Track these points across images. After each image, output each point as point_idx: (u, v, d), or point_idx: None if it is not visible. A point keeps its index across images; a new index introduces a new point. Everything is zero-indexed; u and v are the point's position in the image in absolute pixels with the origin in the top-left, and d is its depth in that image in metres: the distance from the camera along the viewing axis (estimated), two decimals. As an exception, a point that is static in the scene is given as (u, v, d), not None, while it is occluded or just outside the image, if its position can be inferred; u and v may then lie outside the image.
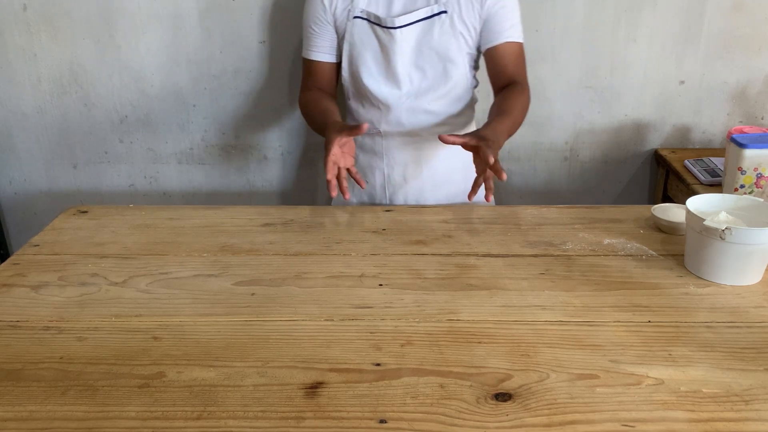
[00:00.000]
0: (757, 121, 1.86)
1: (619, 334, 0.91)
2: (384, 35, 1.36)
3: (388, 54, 1.37)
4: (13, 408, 0.78)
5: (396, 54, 1.36)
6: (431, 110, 1.42)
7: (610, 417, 0.75)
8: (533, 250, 1.17)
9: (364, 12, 1.37)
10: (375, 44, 1.38)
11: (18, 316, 0.98)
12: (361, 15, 1.37)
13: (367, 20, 1.37)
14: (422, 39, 1.36)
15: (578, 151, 1.91)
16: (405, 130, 1.44)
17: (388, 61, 1.38)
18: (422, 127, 1.43)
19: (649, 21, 1.75)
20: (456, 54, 1.37)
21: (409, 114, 1.42)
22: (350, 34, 1.39)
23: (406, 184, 1.48)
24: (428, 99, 1.41)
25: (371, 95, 1.41)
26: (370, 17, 1.36)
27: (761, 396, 0.78)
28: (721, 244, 1.01)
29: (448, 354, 0.87)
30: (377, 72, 1.40)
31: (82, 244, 1.21)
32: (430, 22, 1.35)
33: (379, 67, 1.39)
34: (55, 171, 1.94)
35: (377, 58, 1.39)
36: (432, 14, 1.35)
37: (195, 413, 0.77)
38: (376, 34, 1.37)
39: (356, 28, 1.38)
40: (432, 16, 1.35)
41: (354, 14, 1.37)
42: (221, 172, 1.94)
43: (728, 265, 1.02)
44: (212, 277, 1.09)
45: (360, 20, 1.37)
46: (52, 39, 1.77)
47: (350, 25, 1.38)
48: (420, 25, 1.35)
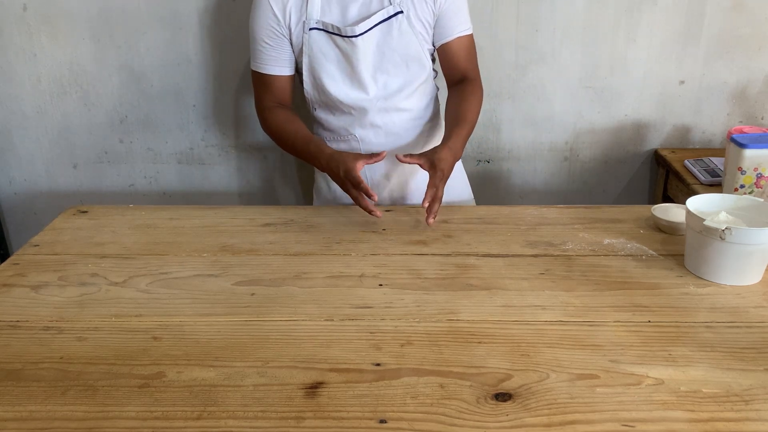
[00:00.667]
0: (757, 121, 1.86)
1: (619, 334, 0.91)
2: (344, 44, 1.34)
3: (351, 61, 1.36)
4: (13, 408, 0.78)
5: (359, 61, 1.35)
6: (402, 108, 1.42)
7: (610, 417, 0.75)
8: (533, 250, 1.17)
9: (320, 23, 1.33)
10: (336, 53, 1.36)
11: (18, 316, 0.98)
12: (317, 26, 1.34)
13: (324, 30, 1.35)
14: (383, 42, 1.35)
15: (578, 151, 1.91)
16: (380, 130, 1.43)
17: (352, 68, 1.36)
18: (396, 124, 1.43)
19: (649, 21, 1.75)
20: (417, 51, 1.37)
21: (381, 115, 1.41)
22: (308, 47, 1.35)
23: (388, 182, 1.48)
24: (398, 98, 1.40)
25: (341, 103, 1.40)
26: (327, 27, 1.34)
27: (761, 396, 0.78)
28: (721, 244, 1.01)
29: (448, 354, 0.87)
30: (342, 80, 1.38)
31: (82, 244, 1.21)
32: (388, 24, 1.34)
33: (344, 74, 1.38)
34: (55, 171, 1.94)
35: (341, 66, 1.37)
36: (389, 16, 1.33)
37: (195, 413, 0.77)
38: (336, 43, 1.35)
39: (314, 40, 1.35)
40: (389, 18, 1.34)
41: (310, 26, 1.34)
42: (221, 172, 1.94)
43: (728, 265, 1.02)
44: (212, 277, 1.09)
45: (317, 31, 1.34)
46: (52, 39, 1.77)
47: (306, 37, 1.34)
48: (379, 29, 1.34)
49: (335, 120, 1.44)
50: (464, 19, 1.40)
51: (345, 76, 1.38)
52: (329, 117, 1.45)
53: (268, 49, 1.37)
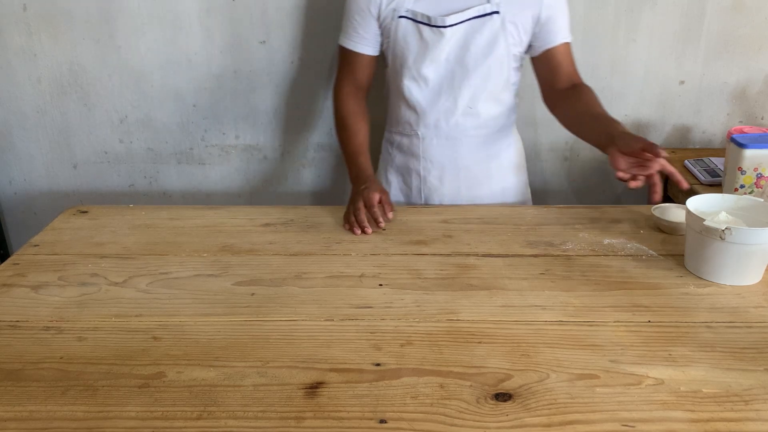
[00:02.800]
0: (757, 121, 1.86)
1: (619, 334, 0.91)
2: (431, 35, 1.33)
3: (431, 54, 1.34)
4: (13, 408, 0.78)
5: (441, 53, 1.34)
6: (471, 112, 1.40)
7: (610, 417, 0.75)
8: (533, 250, 1.17)
9: (410, 11, 1.33)
10: (418, 45, 1.35)
11: (18, 316, 0.98)
12: (406, 14, 1.33)
13: (412, 20, 1.34)
14: (470, 38, 1.33)
15: (578, 151, 1.91)
16: (443, 132, 1.42)
17: (430, 62, 1.35)
18: (461, 129, 1.41)
19: (649, 21, 1.75)
20: (503, 55, 1.35)
21: (447, 116, 1.40)
22: (394, 33, 1.36)
23: (441, 186, 1.46)
24: (469, 100, 1.39)
25: (410, 97, 1.39)
26: (417, 17, 1.33)
27: (761, 396, 0.78)
28: (721, 244, 1.01)
29: (448, 354, 0.87)
30: (417, 74, 1.37)
31: (82, 244, 1.21)
32: (480, 21, 1.32)
33: (419, 68, 1.36)
34: (55, 171, 1.94)
35: (418, 59, 1.36)
36: (483, 13, 1.32)
37: (195, 413, 0.77)
38: (422, 34, 1.34)
39: (401, 28, 1.35)
40: (483, 16, 1.32)
41: (399, 14, 1.34)
42: (221, 172, 1.94)
43: (728, 265, 1.02)
44: (212, 277, 1.09)
45: (405, 20, 1.34)
46: (52, 39, 1.77)
47: (395, 24, 1.35)
48: (469, 24, 1.32)
49: (403, 113, 1.44)
50: (566, 24, 1.38)
51: (420, 71, 1.36)
52: (398, 108, 1.45)
53: (356, 26, 1.39)
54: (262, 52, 1.79)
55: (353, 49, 1.41)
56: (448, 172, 1.45)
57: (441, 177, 1.45)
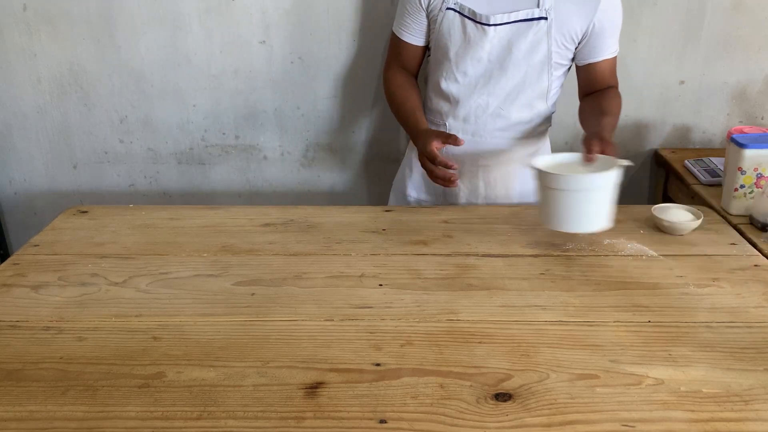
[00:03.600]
0: (757, 121, 1.86)
1: (619, 334, 0.91)
2: (475, 31, 1.32)
3: (472, 51, 1.34)
4: (13, 408, 0.78)
5: (483, 51, 1.33)
6: (502, 114, 1.39)
7: (610, 417, 0.75)
8: (533, 250, 1.17)
9: (458, 4, 1.32)
10: (460, 40, 1.34)
11: (18, 316, 0.98)
12: (454, 6, 1.33)
13: (459, 13, 1.33)
14: (514, 40, 1.32)
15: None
16: (470, 128, 1.42)
17: (470, 59, 1.34)
18: (488, 128, 1.41)
19: (649, 21, 1.75)
20: (544, 62, 1.34)
21: (478, 113, 1.39)
22: (439, 24, 1.35)
23: (460, 182, 1.45)
24: (501, 101, 1.38)
25: (445, 89, 1.39)
26: (464, 10, 1.32)
27: (761, 396, 0.78)
28: (562, 194, 1.08)
29: (448, 354, 0.87)
30: (455, 68, 1.36)
31: (82, 244, 1.21)
32: (527, 25, 1.31)
33: (459, 62, 1.36)
34: (55, 171, 1.94)
35: (459, 53, 1.35)
36: (530, 17, 1.30)
37: (195, 413, 0.77)
38: (466, 28, 1.33)
39: (446, 20, 1.34)
40: (530, 20, 1.31)
41: (447, 5, 1.33)
42: (221, 172, 1.94)
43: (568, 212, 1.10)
44: (212, 277, 1.09)
45: (452, 12, 1.33)
46: (52, 39, 1.77)
47: (441, 15, 1.34)
48: (515, 26, 1.31)
49: (435, 103, 1.44)
50: (615, 39, 1.37)
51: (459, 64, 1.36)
52: (432, 97, 1.45)
53: (406, 16, 1.40)
54: (262, 52, 1.79)
55: (401, 37, 1.43)
56: (467, 167, 1.45)
57: (460, 172, 1.44)
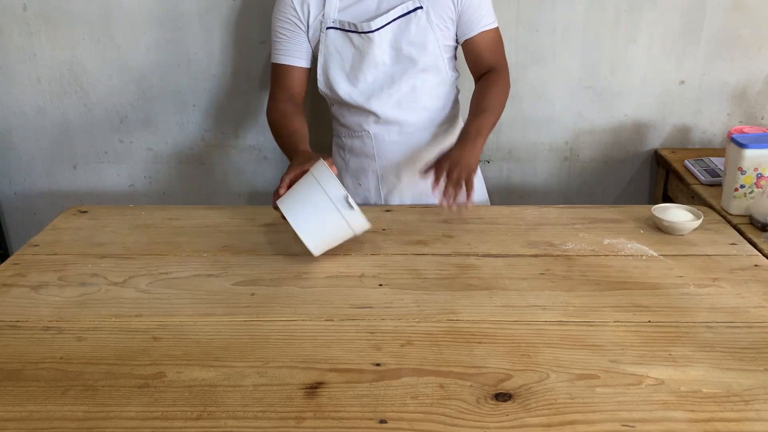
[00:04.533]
0: (757, 121, 1.86)
1: (619, 334, 0.91)
2: (360, 41, 1.34)
3: (366, 58, 1.35)
4: (13, 408, 0.78)
5: (376, 56, 1.35)
6: (415, 106, 1.40)
7: (610, 417, 0.75)
8: (533, 250, 1.17)
9: (337, 21, 1.34)
10: (351, 52, 1.36)
11: (18, 316, 0.98)
12: (334, 25, 1.34)
13: (340, 29, 1.35)
14: (400, 37, 1.33)
15: (578, 151, 1.91)
16: (394, 128, 1.42)
17: (366, 68, 1.35)
18: (409, 123, 1.42)
19: (649, 21, 1.75)
20: (434, 47, 1.36)
21: (394, 112, 1.40)
22: (324, 45, 1.36)
23: (400, 182, 1.47)
24: (410, 95, 1.39)
25: (353, 101, 1.39)
26: (344, 26, 1.34)
27: (761, 396, 0.78)
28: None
29: (448, 354, 0.87)
30: (355, 79, 1.37)
31: (82, 244, 1.21)
32: (406, 20, 1.33)
33: (357, 75, 1.36)
34: (54, 171, 1.94)
35: (355, 66, 1.36)
36: (407, 11, 1.32)
37: (195, 413, 0.77)
38: (352, 42, 1.35)
39: (329, 39, 1.35)
40: (408, 13, 1.32)
41: (327, 25, 1.34)
42: (221, 172, 1.94)
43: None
44: (212, 277, 1.09)
45: (333, 30, 1.35)
46: (52, 39, 1.77)
47: (323, 36, 1.35)
48: (396, 24, 1.33)
49: (350, 116, 1.44)
50: (487, 12, 1.38)
51: (359, 75, 1.37)
52: (345, 114, 1.45)
53: (284, 40, 1.39)
54: (262, 52, 1.79)
55: (286, 63, 1.40)
56: (404, 167, 1.45)
57: (398, 173, 1.46)
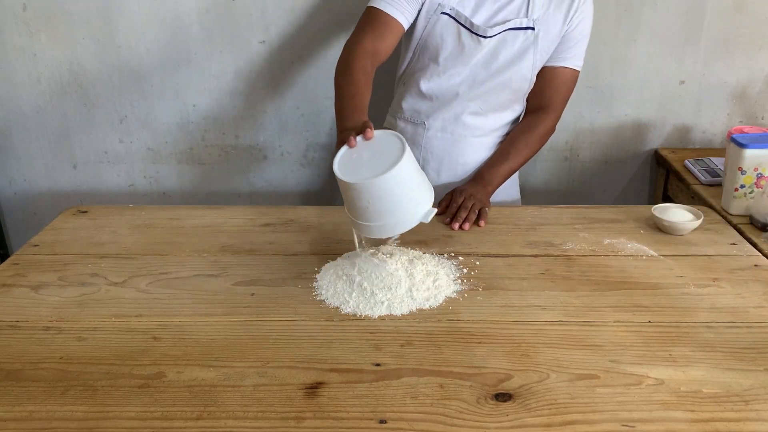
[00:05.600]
0: (757, 121, 1.86)
1: (619, 334, 0.91)
2: (469, 41, 1.32)
3: (464, 58, 1.33)
4: (13, 408, 0.78)
5: (473, 58, 1.33)
6: (482, 115, 1.40)
7: (610, 417, 0.75)
8: (533, 250, 1.16)
9: (454, 11, 1.31)
10: (453, 46, 1.33)
11: (18, 316, 0.98)
12: (449, 12, 1.31)
13: (455, 20, 1.31)
14: (501, 47, 1.33)
15: (578, 151, 1.91)
16: (449, 128, 1.41)
17: (460, 65, 1.34)
18: (467, 128, 1.41)
19: (649, 21, 1.75)
20: (528, 68, 1.35)
21: (458, 114, 1.39)
22: (432, 27, 1.32)
23: (438, 179, 1.46)
24: (483, 104, 1.39)
25: (429, 89, 1.38)
26: (460, 18, 1.31)
27: (761, 396, 0.78)
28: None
29: (448, 354, 0.87)
30: (442, 71, 1.36)
31: (82, 244, 1.21)
32: (514, 34, 1.32)
33: (447, 67, 1.35)
34: (54, 171, 1.94)
35: (449, 59, 1.34)
36: (520, 27, 1.32)
37: (195, 413, 0.77)
38: (460, 37, 1.32)
39: (440, 24, 1.32)
40: (519, 29, 1.32)
41: (443, 9, 1.31)
42: (221, 172, 1.94)
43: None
44: (212, 277, 1.09)
45: (447, 18, 1.32)
46: (52, 39, 1.77)
47: (435, 18, 1.32)
48: (504, 35, 1.32)
49: (413, 102, 1.42)
50: (580, 53, 1.38)
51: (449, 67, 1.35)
52: (410, 96, 1.43)
53: None
54: (262, 52, 1.79)
55: (389, 12, 1.29)
56: (446, 166, 1.45)
57: (439, 170, 1.46)
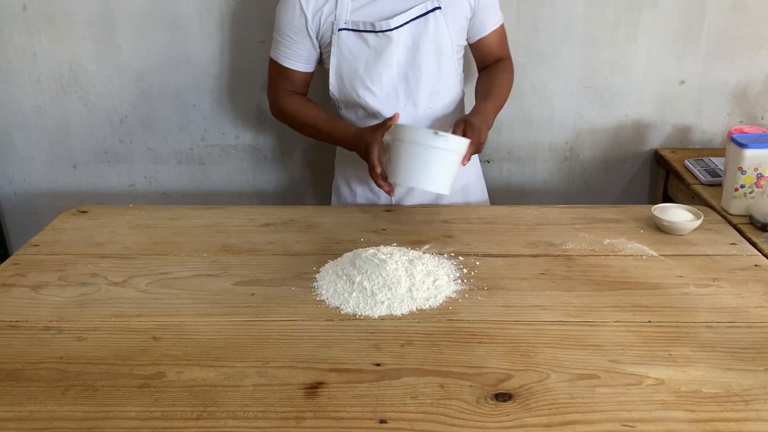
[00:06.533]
0: (757, 121, 1.86)
1: (619, 334, 0.91)
2: (377, 41, 1.32)
3: (383, 60, 1.33)
4: (13, 408, 0.78)
5: (392, 56, 1.33)
6: (428, 106, 1.39)
7: (610, 417, 0.75)
8: (533, 250, 1.16)
9: (350, 22, 1.31)
10: (366, 53, 1.33)
11: (18, 316, 0.98)
12: (346, 26, 1.31)
13: (354, 30, 1.31)
14: (418, 37, 1.32)
15: (578, 151, 1.91)
16: None
17: (383, 68, 1.33)
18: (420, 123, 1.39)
19: (649, 21, 1.75)
20: (449, 48, 1.36)
21: (409, 120, 1.38)
22: (337, 48, 1.33)
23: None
24: (427, 99, 1.38)
25: (368, 105, 1.37)
26: (358, 26, 1.31)
27: (761, 396, 0.78)
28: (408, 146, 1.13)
29: (448, 354, 0.87)
30: (371, 82, 1.35)
31: (82, 244, 1.21)
32: (424, 20, 1.32)
33: (372, 77, 1.34)
34: (55, 171, 1.94)
35: (370, 67, 1.33)
36: (426, 11, 1.31)
37: (195, 413, 0.77)
38: (367, 42, 1.32)
39: (342, 41, 1.32)
40: (426, 13, 1.32)
41: (339, 26, 1.31)
42: (221, 172, 1.94)
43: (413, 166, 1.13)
44: (212, 277, 1.09)
45: (346, 32, 1.31)
46: (52, 39, 1.77)
47: (336, 38, 1.32)
48: (414, 24, 1.31)
49: (359, 121, 1.41)
50: (496, 9, 1.41)
51: (374, 78, 1.34)
52: (354, 118, 1.42)
53: (290, 44, 1.36)
54: (262, 52, 1.79)
55: (291, 67, 1.39)
56: None
57: None
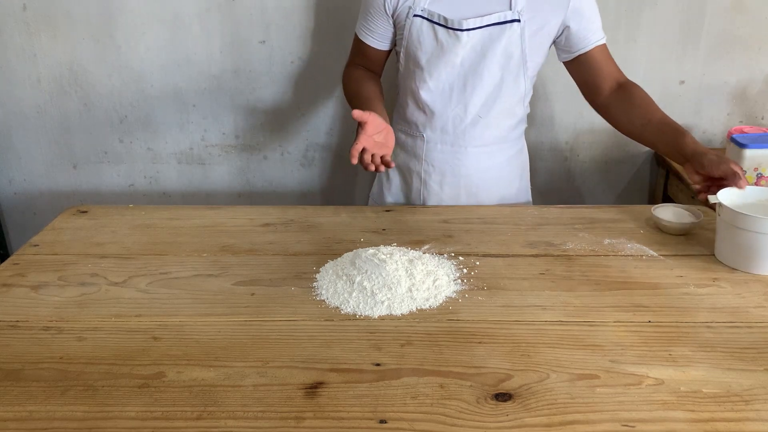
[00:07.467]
0: (757, 121, 1.86)
1: (619, 334, 0.91)
2: (447, 37, 1.28)
3: (446, 57, 1.30)
4: (13, 408, 0.78)
5: (456, 57, 1.30)
6: (480, 122, 1.37)
7: (610, 417, 0.75)
8: (533, 250, 1.16)
9: (426, 11, 1.28)
10: (432, 46, 1.30)
11: (18, 316, 0.98)
12: (421, 14, 1.29)
13: (428, 20, 1.29)
14: (488, 44, 1.28)
15: (578, 151, 1.91)
16: (449, 138, 1.39)
17: (444, 65, 1.31)
18: (467, 137, 1.38)
19: (649, 21, 1.75)
20: (519, 65, 1.32)
21: (456, 122, 1.37)
22: (408, 32, 1.31)
23: (441, 191, 1.44)
24: (479, 109, 1.35)
25: (420, 99, 1.36)
26: (433, 17, 1.28)
27: (761, 396, 0.78)
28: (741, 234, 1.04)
29: (448, 354, 0.87)
30: (429, 76, 1.33)
31: (82, 244, 1.21)
32: (500, 29, 1.27)
33: (432, 70, 1.32)
34: (54, 171, 1.94)
35: (432, 60, 1.31)
36: (503, 21, 1.27)
37: (195, 413, 0.76)
38: (437, 35, 1.29)
39: (414, 27, 1.30)
40: (503, 23, 1.27)
41: (414, 12, 1.29)
42: (221, 172, 1.94)
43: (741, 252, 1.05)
44: (212, 277, 1.09)
45: (420, 19, 1.29)
46: (52, 39, 1.77)
47: (409, 22, 1.30)
48: (488, 31, 1.28)
49: (410, 114, 1.41)
50: (599, 26, 1.35)
51: (433, 73, 1.33)
52: (407, 108, 1.41)
53: (370, 19, 1.37)
54: (262, 52, 1.79)
55: (366, 42, 1.40)
56: (448, 178, 1.43)
57: (441, 182, 1.44)
